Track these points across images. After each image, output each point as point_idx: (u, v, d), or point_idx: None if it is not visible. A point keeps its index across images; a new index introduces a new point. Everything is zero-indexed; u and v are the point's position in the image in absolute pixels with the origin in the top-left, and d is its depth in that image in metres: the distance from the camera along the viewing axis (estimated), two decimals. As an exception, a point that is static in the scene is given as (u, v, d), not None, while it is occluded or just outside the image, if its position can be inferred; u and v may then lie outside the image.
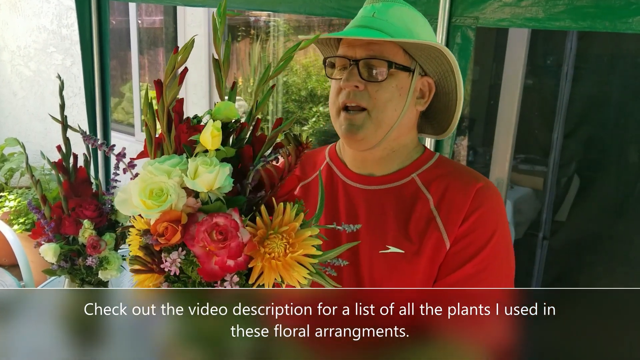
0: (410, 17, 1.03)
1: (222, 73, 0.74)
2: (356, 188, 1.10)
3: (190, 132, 0.72)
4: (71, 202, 1.33)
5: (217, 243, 0.65)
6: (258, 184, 0.74)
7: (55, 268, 1.32)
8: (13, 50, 4.56)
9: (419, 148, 1.12)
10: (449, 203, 1.02)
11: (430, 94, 1.06)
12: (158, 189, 0.66)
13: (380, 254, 1.02)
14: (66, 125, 1.37)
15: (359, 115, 1.00)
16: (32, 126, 4.60)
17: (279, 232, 0.70)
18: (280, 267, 0.69)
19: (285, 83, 3.86)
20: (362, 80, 0.99)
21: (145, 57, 3.96)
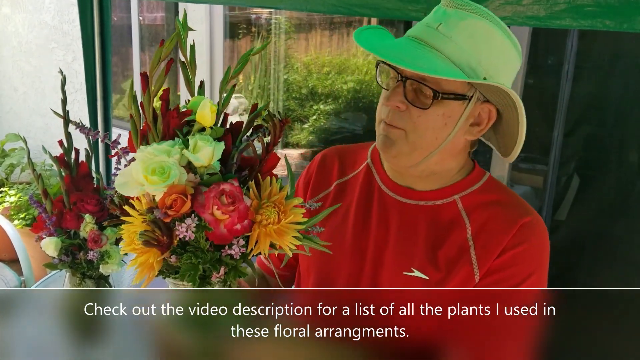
0: (484, 35, 0.88)
1: (190, 73, 0.81)
2: (392, 198, 1.02)
3: (181, 117, 0.77)
4: (72, 197, 1.33)
5: (227, 206, 0.72)
6: (239, 166, 0.81)
7: (56, 262, 1.33)
8: (14, 45, 4.56)
9: (467, 168, 1.01)
10: (488, 235, 0.93)
11: (488, 122, 0.94)
12: (160, 167, 0.71)
13: (404, 276, 0.96)
14: (68, 120, 1.37)
15: (395, 131, 0.92)
16: (33, 122, 4.60)
17: (271, 201, 0.77)
18: (273, 233, 0.75)
19: (286, 81, 3.86)
20: (405, 101, 0.90)
21: (147, 53, 3.97)
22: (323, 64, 3.88)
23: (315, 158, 1.15)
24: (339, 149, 1.15)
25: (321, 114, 3.80)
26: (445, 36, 0.87)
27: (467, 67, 0.86)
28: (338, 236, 1.03)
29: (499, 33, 0.88)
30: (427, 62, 0.86)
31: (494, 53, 0.88)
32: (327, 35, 3.88)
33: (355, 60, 3.80)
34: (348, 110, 3.77)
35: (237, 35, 3.78)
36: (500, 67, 0.89)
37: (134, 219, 0.76)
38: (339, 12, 1.65)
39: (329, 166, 1.12)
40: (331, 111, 3.78)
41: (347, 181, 1.09)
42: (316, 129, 3.80)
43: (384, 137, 0.94)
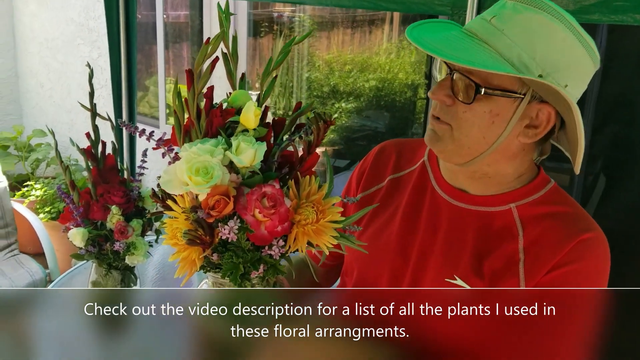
0: (541, 30, 0.81)
1: (232, 65, 0.81)
2: (444, 200, 0.97)
3: (224, 116, 0.78)
4: (99, 189, 1.35)
5: (269, 209, 0.73)
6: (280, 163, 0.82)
7: (83, 252, 1.35)
8: (41, 42, 4.63)
9: (528, 175, 0.94)
10: (541, 248, 0.87)
11: (547, 125, 0.86)
12: (203, 167, 0.72)
13: (445, 283, 0.91)
14: (95, 113, 1.39)
15: (442, 126, 0.88)
16: (59, 117, 4.67)
17: (310, 200, 0.78)
18: (311, 232, 0.76)
19: (308, 79, 3.86)
20: (452, 95, 0.86)
21: (170, 51, 4.00)
22: (345, 62, 3.87)
23: (373, 150, 1.11)
24: (398, 143, 1.10)
25: (343, 112, 3.79)
26: (497, 29, 0.82)
27: (517, 62, 0.80)
28: (384, 234, 1.00)
29: (561, 28, 0.80)
30: (471, 54, 0.81)
31: (553, 50, 0.81)
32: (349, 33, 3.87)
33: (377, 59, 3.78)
34: (370, 109, 3.75)
35: (259, 33, 3.79)
36: (561, 66, 0.81)
37: (177, 215, 0.78)
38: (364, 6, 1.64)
39: (385, 159, 1.08)
40: (353, 109, 3.77)
41: (401, 177, 1.05)
42: (337, 127, 3.79)
43: (430, 131, 0.91)
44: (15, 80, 4.93)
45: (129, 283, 1.45)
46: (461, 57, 0.80)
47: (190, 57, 3.95)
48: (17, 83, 4.95)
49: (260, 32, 3.79)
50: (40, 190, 3.79)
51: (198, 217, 0.74)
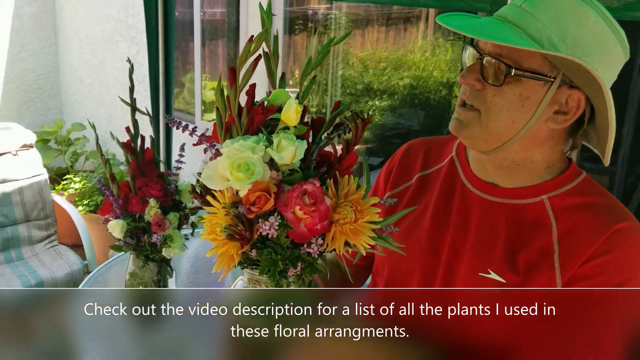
0: (571, 13, 0.81)
1: (273, 64, 0.82)
2: (474, 194, 0.97)
3: (266, 113, 0.79)
4: (138, 182, 1.38)
5: (309, 207, 0.74)
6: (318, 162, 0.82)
7: (121, 244, 1.38)
8: (81, 38, 4.74)
9: (559, 166, 0.93)
10: (575, 239, 0.86)
11: (577, 111, 0.85)
12: (245, 164, 0.73)
13: (479, 277, 0.90)
14: (135, 108, 1.42)
15: (468, 112, 0.88)
16: (97, 112, 4.77)
17: (349, 200, 0.78)
18: (349, 231, 0.76)
19: (342, 76, 3.86)
20: (481, 80, 0.86)
21: (206, 48, 4.04)
22: (379, 60, 3.86)
23: (400, 149, 1.11)
24: (425, 141, 1.11)
25: (376, 110, 3.78)
26: (528, 12, 0.82)
27: (547, 44, 0.80)
28: (414, 231, 1.00)
29: (592, 13, 0.81)
30: (500, 33, 0.81)
31: (583, 33, 0.81)
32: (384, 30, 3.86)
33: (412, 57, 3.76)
34: (404, 107, 3.73)
35: (294, 31, 3.80)
36: (591, 49, 0.81)
37: (217, 210, 0.78)
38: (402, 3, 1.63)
39: (412, 158, 1.08)
40: (387, 107, 3.75)
41: (429, 174, 1.05)
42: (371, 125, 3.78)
43: (455, 120, 0.90)
44: (56, 76, 5.06)
45: (165, 275, 1.47)
46: (491, 35, 0.82)
47: (226, 55, 3.99)
48: (58, 78, 5.07)
49: (294, 29, 3.81)
50: (79, 183, 3.89)
51: (238, 213, 0.75)
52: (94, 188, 3.78)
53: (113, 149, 4.22)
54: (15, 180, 3.11)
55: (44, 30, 4.90)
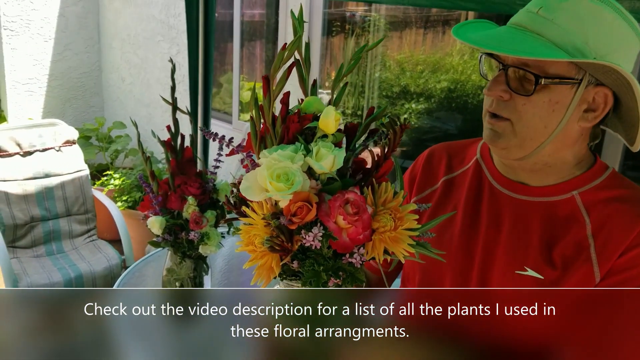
0: (589, 14, 0.82)
1: (304, 71, 0.81)
2: (504, 194, 0.97)
3: (302, 122, 0.78)
4: (177, 179, 1.40)
5: (352, 216, 0.72)
6: (354, 169, 0.81)
7: (159, 240, 1.41)
8: (124, 38, 4.85)
9: (587, 162, 0.94)
10: (610, 232, 0.86)
11: (605, 107, 0.87)
12: (284, 174, 0.72)
13: (516, 275, 0.91)
14: (175, 107, 1.45)
15: (501, 123, 0.88)
16: (138, 111, 4.87)
17: (387, 207, 0.77)
18: (389, 240, 0.75)
19: (379, 78, 3.85)
20: (509, 90, 0.86)
21: (245, 49, 4.09)
22: (417, 62, 3.83)
23: (422, 155, 1.11)
24: (447, 145, 1.11)
25: (413, 113, 3.75)
26: (547, 19, 0.82)
27: (571, 48, 0.80)
28: (445, 235, 1.00)
29: (607, 10, 0.82)
30: (526, 46, 0.81)
31: (603, 32, 0.82)
32: (421, 33, 3.83)
33: (450, 60, 3.72)
34: (441, 110, 3.70)
35: (331, 33, 3.81)
36: (613, 47, 0.82)
37: (255, 221, 0.78)
38: (442, 5, 1.62)
39: (436, 162, 1.09)
40: (423, 110, 3.73)
41: (454, 177, 1.05)
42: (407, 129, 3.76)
43: (489, 130, 0.90)
44: (99, 74, 5.18)
45: (201, 272, 1.50)
46: (519, 49, 0.81)
47: (265, 56, 4.03)
48: (100, 77, 5.20)
49: (332, 31, 3.81)
50: (118, 180, 3.98)
51: (280, 224, 0.74)
52: (132, 185, 3.86)
53: (152, 147, 4.30)
54: (58, 175, 3.20)
55: (88, 30, 5.03)
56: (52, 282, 2.74)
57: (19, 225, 3.04)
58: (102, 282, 2.88)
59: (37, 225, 3.11)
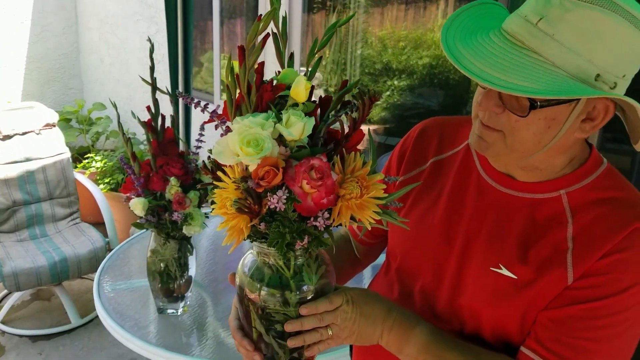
0: (596, 30, 0.72)
1: (281, 44, 0.83)
2: (491, 186, 0.93)
3: (275, 91, 0.80)
4: (159, 160, 1.40)
5: (316, 181, 0.74)
6: (326, 139, 0.83)
7: (143, 222, 1.41)
8: (102, 18, 4.76)
9: (579, 158, 0.88)
10: (591, 235, 0.81)
11: (605, 118, 0.79)
12: (254, 140, 0.74)
13: (491, 272, 0.88)
14: (155, 87, 1.43)
15: (492, 133, 0.83)
16: (118, 92, 4.81)
17: (355, 176, 0.79)
18: (355, 206, 0.77)
19: (361, 55, 3.84)
20: (501, 105, 0.80)
21: (225, 26, 4.04)
22: (398, 39, 3.82)
23: (415, 129, 1.07)
24: (441, 122, 1.06)
25: (395, 90, 3.75)
26: (547, 34, 0.73)
27: (573, 70, 0.72)
28: (428, 218, 0.98)
29: (615, 20, 0.71)
30: (521, 74, 0.72)
31: (609, 46, 0.72)
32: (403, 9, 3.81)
33: (432, 35, 3.71)
34: (423, 86, 3.70)
35: (313, 9, 3.78)
36: (619, 60, 0.74)
37: (227, 185, 0.80)
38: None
39: (427, 140, 1.04)
40: (406, 87, 3.72)
41: (444, 160, 1.01)
42: (389, 105, 3.76)
43: (478, 137, 0.85)
44: (77, 55, 5.10)
45: (186, 252, 1.50)
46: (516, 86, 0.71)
47: (245, 34, 3.98)
48: (79, 58, 5.12)
49: (313, 8, 3.78)
50: (100, 162, 3.94)
51: (248, 187, 0.76)
52: (114, 167, 3.83)
53: (133, 129, 4.26)
54: (38, 158, 3.16)
55: (65, 10, 4.93)
56: (37, 266, 2.73)
57: (1, 210, 3.01)
58: (87, 265, 2.87)
59: (19, 209, 3.08)
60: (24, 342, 2.87)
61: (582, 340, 0.81)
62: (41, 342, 2.87)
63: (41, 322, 3.02)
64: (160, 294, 1.55)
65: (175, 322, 1.59)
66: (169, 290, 1.54)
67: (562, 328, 0.82)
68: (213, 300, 1.73)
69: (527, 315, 0.86)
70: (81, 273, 2.88)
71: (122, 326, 1.54)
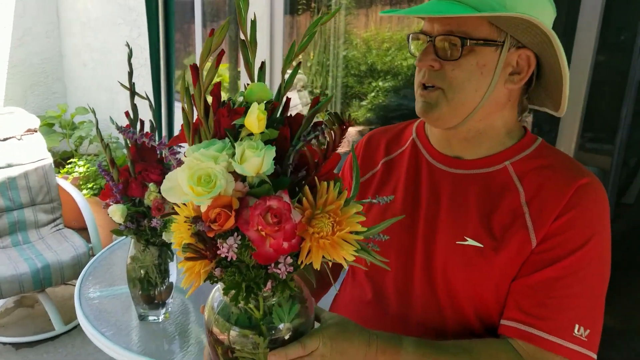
0: None
1: (250, 53, 0.73)
2: (441, 170, 1.01)
3: (232, 116, 0.70)
4: (138, 166, 1.39)
5: (272, 226, 0.64)
6: (297, 165, 0.73)
7: (122, 228, 1.39)
8: (84, 22, 4.73)
9: (517, 132, 1.00)
10: (543, 199, 0.90)
11: (529, 69, 0.92)
12: (206, 175, 0.65)
13: (458, 245, 0.94)
14: (134, 92, 1.42)
15: (433, 93, 0.92)
16: (100, 96, 4.77)
17: (326, 211, 0.69)
18: (327, 245, 0.68)
19: (345, 57, 3.84)
20: (438, 59, 0.90)
21: (208, 29, 4.02)
22: (383, 40, 3.83)
23: (361, 140, 1.16)
24: (384, 129, 1.16)
25: (380, 91, 3.76)
26: None
27: (487, 7, 0.85)
28: (388, 213, 1.03)
29: None
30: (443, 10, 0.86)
31: None
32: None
33: (416, 37, 3.72)
34: (407, 87, 3.71)
35: (297, 11, 3.77)
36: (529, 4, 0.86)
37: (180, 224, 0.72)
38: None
39: (374, 146, 1.14)
40: (390, 88, 3.73)
41: (393, 159, 1.10)
42: (374, 106, 3.77)
43: (422, 102, 0.94)
44: (60, 60, 5.06)
45: (166, 258, 1.49)
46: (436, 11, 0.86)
47: (227, 36, 3.97)
48: (62, 62, 5.07)
49: (297, 9, 3.78)
50: (83, 167, 3.91)
51: (198, 230, 0.68)
52: (97, 172, 3.80)
53: (116, 133, 4.23)
54: (20, 164, 3.13)
55: (47, 14, 4.89)
56: (19, 273, 2.70)
57: (-18, 217, 2.98)
58: (70, 272, 2.84)
59: (1, 215, 3.05)
60: (7, 349, 2.84)
61: (563, 298, 0.87)
62: (24, 350, 2.84)
63: (24, 330, 2.99)
64: (141, 301, 1.54)
65: (157, 329, 1.58)
66: (150, 297, 1.53)
67: (541, 291, 0.88)
68: (195, 306, 1.72)
69: (501, 285, 0.92)
70: (64, 279, 2.85)
71: (103, 333, 1.53)
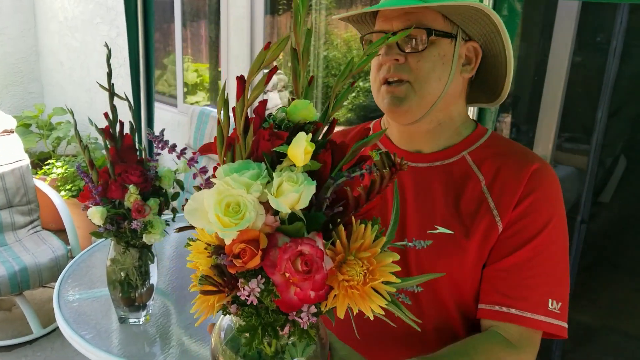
0: None
1: (301, 66, 0.64)
2: None
3: (273, 141, 0.62)
4: (117, 168, 1.37)
5: (301, 274, 0.57)
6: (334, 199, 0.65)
7: (101, 230, 1.38)
8: (61, 21, 4.66)
9: (470, 124, 1.06)
10: (502, 185, 0.96)
11: (477, 59, 1.00)
12: (235, 204, 0.57)
13: (429, 235, 0.97)
14: (113, 93, 1.41)
15: (401, 87, 0.96)
16: (78, 96, 4.71)
17: (359, 257, 0.62)
18: (356, 295, 0.61)
19: (326, 57, 3.84)
20: (402, 53, 0.95)
21: (188, 29, 4.00)
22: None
23: None
24: (342, 133, 1.17)
25: (360, 91, 3.77)
26: None
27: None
28: None
29: None
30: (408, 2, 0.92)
31: None
32: (367, 11, 3.82)
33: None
34: (387, 88, 3.73)
35: (278, 11, 3.77)
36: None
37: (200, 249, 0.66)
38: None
39: None
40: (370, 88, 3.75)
41: None
42: (355, 107, 3.78)
43: (390, 98, 0.97)
44: (36, 59, 4.98)
45: (147, 261, 1.48)
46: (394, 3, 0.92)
47: (207, 36, 3.95)
48: (38, 62, 5.00)
49: (278, 9, 3.77)
50: (61, 168, 3.85)
51: (219, 263, 0.61)
52: (76, 173, 3.75)
53: (95, 134, 4.18)
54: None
55: (23, 13, 4.82)
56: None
57: (-43, 219, 2.92)
58: (48, 274, 2.80)
59: (-23, 218, 3.00)
60: (-17, 354, 2.79)
61: (535, 277, 0.93)
62: (2, 354, 2.79)
63: (2, 333, 2.94)
64: (121, 304, 1.52)
65: (137, 331, 1.56)
66: (130, 299, 1.51)
67: (515, 273, 0.94)
68: (176, 308, 1.71)
69: (474, 270, 0.96)
70: (42, 282, 2.81)
71: (83, 337, 1.51)
